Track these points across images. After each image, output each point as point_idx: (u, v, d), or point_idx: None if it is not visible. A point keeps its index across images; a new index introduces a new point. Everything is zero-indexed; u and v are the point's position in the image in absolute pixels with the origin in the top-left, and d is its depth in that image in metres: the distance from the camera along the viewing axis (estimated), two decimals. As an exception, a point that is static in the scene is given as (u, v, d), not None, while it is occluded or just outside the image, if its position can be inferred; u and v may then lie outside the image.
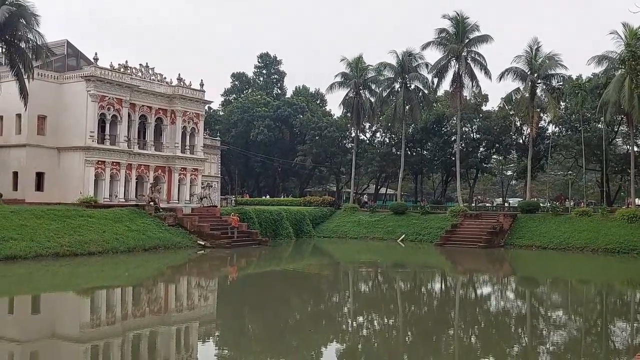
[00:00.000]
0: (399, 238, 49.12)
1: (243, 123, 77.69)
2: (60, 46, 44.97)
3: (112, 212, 37.20)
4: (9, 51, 36.60)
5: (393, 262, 38.59)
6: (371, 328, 18.39)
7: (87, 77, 41.16)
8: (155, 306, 21.05)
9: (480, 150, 68.25)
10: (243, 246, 40.16)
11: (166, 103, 46.66)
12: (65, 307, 20.89)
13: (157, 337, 16.31)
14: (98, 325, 17.55)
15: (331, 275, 32.37)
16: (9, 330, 16.61)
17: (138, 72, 45.19)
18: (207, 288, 26.33)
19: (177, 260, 34.39)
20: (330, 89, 60.64)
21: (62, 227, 32.73)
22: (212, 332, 17.45)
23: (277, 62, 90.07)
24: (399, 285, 28.45)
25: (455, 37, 52.41)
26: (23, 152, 40.94)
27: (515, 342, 16.87)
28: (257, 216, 45.77)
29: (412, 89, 57.34)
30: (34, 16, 36.41)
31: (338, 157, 75.27)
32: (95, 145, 41.15)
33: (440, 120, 66.80)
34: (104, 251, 32.62)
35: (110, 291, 23.99)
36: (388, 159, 68.11)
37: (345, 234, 51.92)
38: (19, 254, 28.59)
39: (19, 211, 32.72)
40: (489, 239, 44.63)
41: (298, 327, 18.03)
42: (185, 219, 40.48)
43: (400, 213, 52.82)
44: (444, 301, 24.31)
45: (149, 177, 45.25)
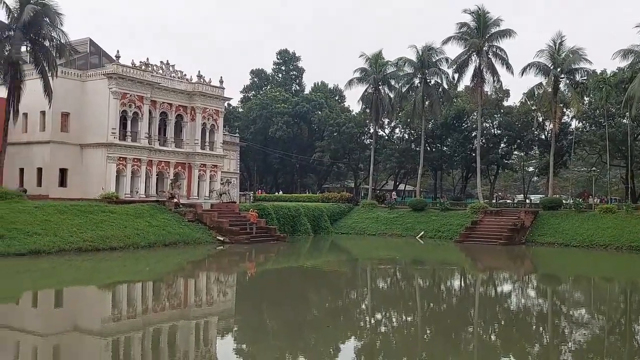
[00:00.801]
0: (417, 235, 48.88)
1: (262, 119, 77.99)
2: (83, 44, 45.61)
3: (133, 208, 37.63)
4: (34, 49, 37.21)
5: (412, 258, 38.43)
6: (389, 325, 18.34)
7: (109, 75, 41.66)
8: (175, 301, 21.26)
9: (502, 146, 67.61)
10: (261, 242, 40.34)
11: (186, 100, 47.03)
12: (88, 301, 21.21)
13: (177, 331, 16.47)
14: (119, 319, 17.78)
15: (349, 271, 32.36)
16: (33, 324, 16.92)
17: (159, 69, 45.64)
18: (226, 283, 26.51)
19: (197, 255, 34.68)
20: (349, 84, 60.53)
21: (85, 223, 33.20)
22: (230, 327, 17.57)
23: (296, 58, 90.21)
24: (417, 282, 28.33)
25: (476, 31, 51.91)
26: (47, 148, 41.62)
27: (537, 340, 16.69)
28: (275, 212, 45.95)
29: (432, 84, 56.97)
30: (57, 15, 36.96)
31: (356, 153, 75.15)
32: (117, 141, 41.66)
33: (461, 116, 66.31)
34: (125, 246, 33.02)
35: (131, 286, 24.30)
36: (407, 155, 67.82)
37: (363, 230, 51.82)
38: (43, 248, 29.08)
39: (43, 206, 33.27)
40: (510, 236, 44.18)
41: (316, 323, 18.06)
42: (205, 215, 40.80)
43: (420, 209, 52.55)
44: (464, 299, 24.14)
45: (169, 173, 45.69)
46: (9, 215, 30.37)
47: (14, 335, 15.63)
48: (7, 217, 30.13)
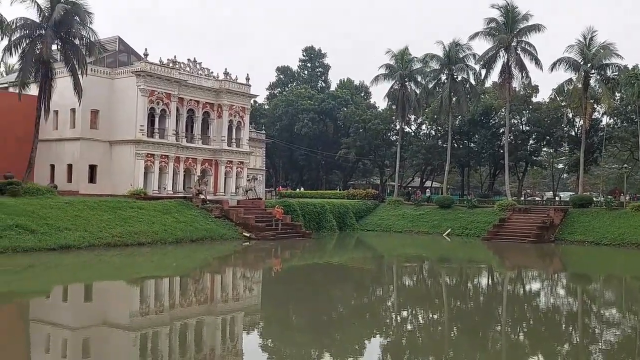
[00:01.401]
0: (444, 232, 48.46)
1: (287, 116, 78.16)
2: (112, 42, 46.24)
3: (161, 204, 38.07)
4: (64, 48, 37.86)
5: (438, 256, 38.11)
6: (415, 323, 18.21)
7: (137, 73, 42.17)
8: (201, 296, 21.45)
9: (530, 142, 66.56)
10: (287, 238, 40.45)
11: (213, 97, 47.38)
12: (116, 296, 21.54)
13: (204, 326, 16.60)
14: (147, 314, 18.00)
15: (375, 268, 32.24)
16: (63, 317, 17.24)
17: (186, 67, 46.05)
18: (252, 279, 26.65)
19: (223, 251, 34.93)
20: (375, 81, 60.20)
21: (114, 218, 33.71)
22: (256, 323, 17.64)
23: (322, 55, 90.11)
24: (444, 280, 28.08)
25: (504, 26, 51.15)
26: (77, 145, 42.35)
27: (566, 340, 16.39)
28: (301, 209, 46.04)
29: (459, 80, 56.36)
30: (87, 14, 37.54)
31: (382, 150, 74.78)
32: (145, 138, 42.17)
33: (488, 112, 65.46)
34: (153, 242, 33.43)
35: (158, 281, 24.59)
36: (434, 151, 67.25)
37: (389, 227, 51.58)
38: (73, 243, 29.62)
39: (73, 202, 33.87)
40: (539, 234, 43.52)
41: (342, 320, 18.03)
42: (231, 211, 41.07)
43: (446, 207, 52.10)
44: (491, 297, 23.84)
45: (196, 170, 46.10)
46: (40, 211, 31.00)
47: (45, 328, 15.96)
48: (38, 212, 30.76)
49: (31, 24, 36.98)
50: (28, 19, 36.86)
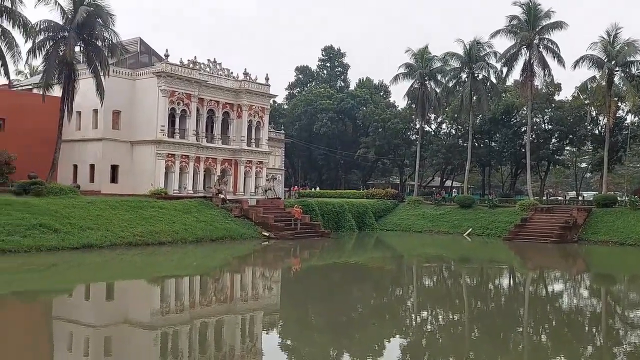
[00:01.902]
0: (465, 232, 48.07)
1: (307, 116, 78.22)
2: (134, 44, 46.74)
3: (181, 204, 38.38)
4: (87, 49, 38.35)
5: (459, 256, 37.81)
6: (436, 323, 18.08)
7: (158, 73, 42.55)
8: (221, 295, 21.56)
9: (553, 141, 65.64)
10: (306, 238, 40.48)
11: (233, 97, 47.61)
12: (137, 295, 21.75)
13: (223, 325, 16.69)
14: (167, 313, 18.15)
15: (394, 268, 32.10)
16: (86, 316, 17.47)
17: (206, 67, 46.33)
18: (271, 279, 26.72)
19: (243, 250, 35.08)
20: (395, 80, 59.93)
21: (135, 218, 34.06)
22: (275, 323, 17.67)
23: (341, 54, 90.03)
24: (464, 280, 27.84)
25: (526, 24, 50.56)
26: (99, 145, 42.89)
27: (589, 341, 16.14)
28: (319, 208, 46.03)
29: (480, 78, 55.84)
30: (109, 15, 37.96)
31: (402, 149, 74.45)
32: (166, 138, 42.55)
33: (510, 111, 64.75)
34: (173, 241, 33.71)
35: (179, 280, 24.79)
36: (454, 150, 66.73)
37: (409, 227, 51.32)
38: (95, 242, 30.00)
39: (95, 202, 34.30)
40: (562, 234, 42.93)
41: (361, 320, 17.98)
42: (251, 211, 41.24)
43: (467, 206, 51.68)
44: (513, 298, 23.57)
45: (216, 169, 46.38)
46: (63, 210, 31.44)
47: (67, 326, 16.18)
48: (61, 212, 31.20)
49: (55, 26, 37.53)
50: (52, 22, 37.42)
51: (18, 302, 19.47)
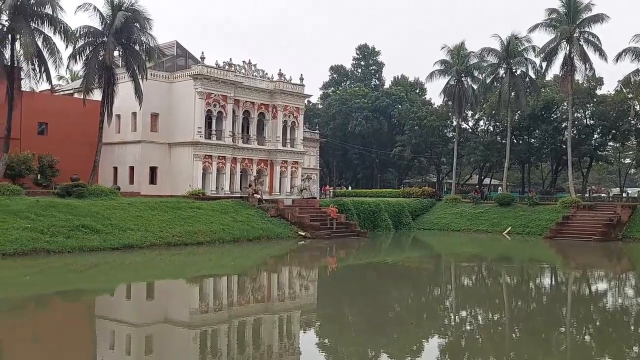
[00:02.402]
0: (504, 231, 47.23)
1: (341, 115, 78.16)
2: (170, 47, 47.50)
3: (218, 204, 38.81)
4: (125, 54, 39.17)
5: (498, 255, 37.15)
6: (475, 323, 17.77)
7: (194, 76, 43.14)
8: (258, 294, 21.69)
9: (595, 137, 63.84)
10: (342, 237, 40.41)
11: (268, 98, 47.90)
12: (177, 294, 22.08)
13: (261, 324, 16.77)
14: (206, 312, 18.36)
15: (432, 268, 31.73)
16: (127, 315, 17.81)
17: (241, 69, 46.74)
18: (307, 278, 26.74)
19: (279, 250, 35.25)
20: (430, 77, 59.36)
21: (174, 218, 34.60)
22: (313, 322, 17.67)
23: (376, 53, 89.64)
24: (504, 279, 27.32)
25: (566, 17, 49.34)
26: (138, 148, 43.74)
27: (636, 342, 15.60)
28: (355, 208, 45.90)
29: (518, 74, 54.78)
30: (147, 20, 38.68)
31: (438, 147, 73.66)
32: (203, 140, 43.11)
33: (549, 106, 63.29)
34: (211, 241, 34.11)
35: (217, 279, 25.06)
36: (492, 148, 65.63)
37: (446, 226, 50.72)
38: (135, 243, 30.59)
39: (135, 203, 34.99)
40: (605, 232, 41.74)
41: (399, 320, 17.82)
42: (287, 211, 41.41)
43: (506, 204, 50.76)
44: (555, 297, 22.99)
45: (252, 170, 46.75)
46: (104, 212, 32.17)
47: (110, 325, 16.53)
48: (102, 213, 31.93)
49: (94, 32, 38.45)
50: (91, 27, 38.34)
51: (62, 301, 20.00)
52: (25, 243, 26.50)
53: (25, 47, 33.05)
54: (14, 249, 25.88)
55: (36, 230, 27.71)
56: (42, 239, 27.30)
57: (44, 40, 35.05)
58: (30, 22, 34.37)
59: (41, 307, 18.90)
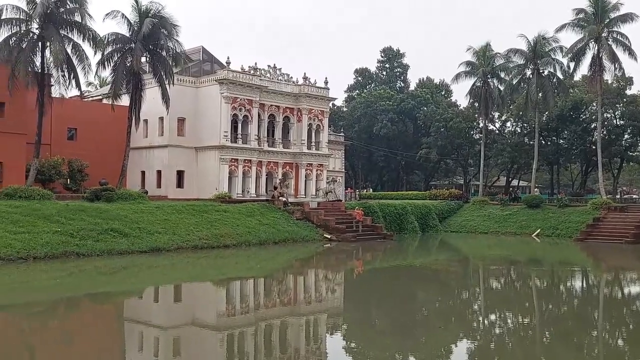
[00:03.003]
0: (533, 233, 46.47)
1: (366, 118, 78.02)
2: (196, 52, 48.03)
3: (244, 207, 39.01)
4: (152, 60, 39.67)
5: (527, 258, 36.56)
6: (504, 327, 17.48)
7: (220, 81, 43.52)
8: (284, 297, 21.69)
9: (625, 137, 62.51)
10: (368, 240, 40.22)
11: (293, 102, 48.06)
12: (204, 297, 22.21)
13: (288, 327, 16.75)
14: (233, 315, 18.42)
15: (460, 271, 31.36)
16: (155, 317, 17.98)
17: (266, 73, 47.02)
18: (334, 281, 26.67)
19: (305, 253, 35.24)
20: (456, 79, 58.88)
21: (200, 221, 34.87)
22: (339, 325, 17.59)
23: (400, 55, 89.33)
24: (534, 282, 26.83)
25: (593, 17, 48.47)
26: (165, 152, 44.28)
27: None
28: (381, 210, 45.67)
29: (546, 74, 53.96)
30: (174, 26, 39.11)
31: (465, 149, 72.97)
32: (229, 144, 43.43)
33: (578, 107, 62.15)
34: (237, 244, 34.28)
35: (243, 282, 25.15)
36: (520, 149, 64.74)
37: (474, 228, 50.14)
38: (163, 246, 30.90)
39: (162, 207, 35.35)
40: (637, 234, 40.79)
41: (426, 323, 17.63)
42: (312, 213, 41.42)
43: (535, 206, 49.96)
44: (586, 300, 22.50)
45: (277, 173, 46.91)
46: (132, 215, 32.58)
47: (138, 327, 16.70)
48: (131, 217, 32.34)
49: (122, 38, 39.04)
50: (119, 34, 38.94)
51: (92, 303, 20.28)
52: (55, 246, 26.99)
53: (55, 54, 33.72)
54: (44, 252, 26.37)
55: (66, 233, 28.19)
56: (72, 243, 27.78)
57: (73, 47, 35.73)
58: (60, 29, 35.05)
59: (71, 310, 19.19)
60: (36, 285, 22.35)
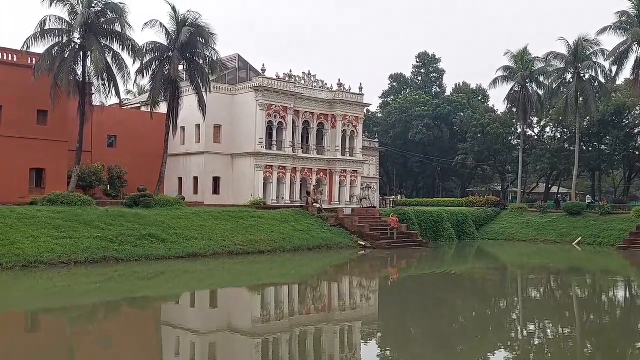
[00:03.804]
0: (574, 241, 45.29)
1: (401, 123, 77.57)
2: (232, 60, 48.58)
3: (279, 213, 39.17)
4: (189, 68, 40.33)
5: (568, 267, 35.64)
6: (544, 337, 17.03)
7: (255, 88, 43.91)
8: (319, 304, 21.64)
9: (671, 142, 60.50)
10: (403, 247, 39.87)
11: (327, 108, 48.12)
12: (239, 302, 22.36)
13: (322, 334, 16.70)
14: (268, 321, 18.47)
15: (497, 279, 30.76)
16: (191, 322, 18.17)
17: (301, 80, 47.20)
18: (368, 288, 26.50)
19: (339, 259, 35.15)
20: (493, 84, 58.03)
21: (236, 227, 35.16)
22: (374, 333, 17.45)
23: (436, 60, 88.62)
24: (575, 292, 26.12)
25: (637, 19, 47.13)
26: (202, 159, 44.87)
27: None
28: (416, 217, 45.22)
29: (587, 78, 52.64)
30: (211, 35, 39.68)
31: (503, 155, 71.75)
32: (264, 150, 43.74)
33: (621, 111, 60.45)
34: (272, 250, 34.42)
35: (278, 288, 25.22)
36: (560, 155, 63.31)
37: (512, 236, 49.17)
38: (199, 252, 31.26)
39: (199, 213, 35.80)
40: (685, 243, 39.28)
41: (463, 332, 17.32)
42: (346, 220, 41.29)
43: (576, 214, 48.69)
44: (630, 311, 21.76)
45: (311, 179, 46.99)
46: (170, 221, 33.08)
47: (174, 332, 16.90)
48: (168, 222, 32.84)
49: (160, 47, 39.82)
50: (157, 43, 39.73)
51: (130, 308, 20.65)
52: (95, 251, 27.60)
53: (96, 63, 34.61)
54: (85, 257, 26.98)
55: (106, 239, 28.80)
56: (112, 248, 28.36)
57: (113, 56, 36.63)
58: (101, 39, 35.98)
59: (110, 314, 19.57)
60: (77, 289, 22.87)
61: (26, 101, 35.08)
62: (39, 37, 34.52)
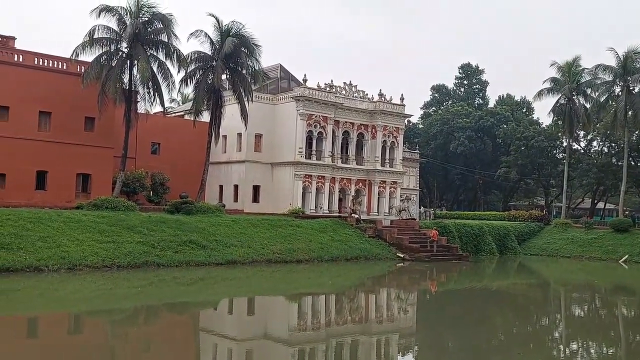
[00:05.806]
0: (620, 259, 43.76)
1: (442, 135, 76.76)
2: (274, 70, 49.11)
3: (317, 223, 39.19)
4: (232, 77, 40.90)
5: (614, 285, 34.44)
6: (587, 357, 16.48)
7: (296, 98, 44.23)
8: (356, 315, 21.50)
9: None
10: (442, 260, 39.26)
11: (367, 119, 48.05)
12: (276, 310, 22.42)
13: (359, 345, 16.56)
14: (304, 330, 18.44)
15: (540, 296, 29.95)
16: (228, 329, 18.30)
17: (342, 90, 47.31)
18: (406, 301, 26.19)
19: (377, 271, 34.87)
20: (539, 96, 56.80)
21: (274, 236, 35.33)
22: (411, 346, 17.21)
23: (479, 71, 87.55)
24: (620, 311, 25.20)
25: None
26: (243, 167, 45.40)
27: None
28: (457, 230, 44.51)
29: (636, 91, 51.01)
30: (255, 46, 40.09)
31: (547, 169, 70.07)
32: (304, 160, 43.94)
33: (673, 126, 58.24)
34: (310, 259, 34.42)
35: (315, 298, 25.18)
36: (607, 170, 61.38)
37: (555, 252, 47.85)
38: (238, 259, 31.53)
39: (239, 220, 36.15)
40: None
41: (503, 349, 16.90)
42: (385, 231, 40.99)
43: (623, 230, 47.07)
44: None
45: (350, 190, 46.90)
46: (210, 228, 33.50)
47: (212, 338, 17.05)
48: (208, 229, 33.25)
49: (204, 57, 40.55)
50: (201, 52, 40.48)
51: (170, 313, 20.95)
52: (137, 256, 28.16)
53: (142, 72, 35.48)
54: (127, 261, 27.57)
55: (148, 244, 29.36)
56: (153, 253, 28.89)
57: (158, 65, 37.48)
58: (147, 49, 36.89)
59: (150, 318, 19.91)
60: (119, 293, 23.36)
61: (74, 108, 36.22)
62: (88, 46, 35.60)
